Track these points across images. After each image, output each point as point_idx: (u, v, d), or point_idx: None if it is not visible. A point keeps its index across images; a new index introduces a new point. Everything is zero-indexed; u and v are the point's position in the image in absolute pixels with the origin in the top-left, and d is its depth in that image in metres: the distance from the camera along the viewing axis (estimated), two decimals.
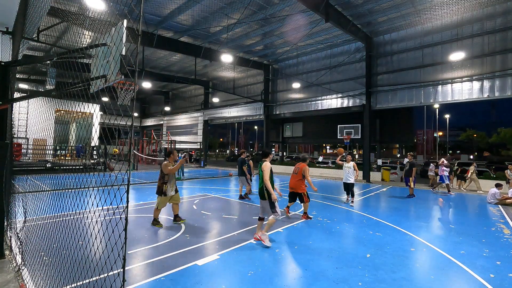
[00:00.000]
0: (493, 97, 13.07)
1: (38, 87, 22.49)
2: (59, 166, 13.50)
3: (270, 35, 16.39)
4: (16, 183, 5.41)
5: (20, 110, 17.84)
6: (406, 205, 9.28)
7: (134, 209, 7.65)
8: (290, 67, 21.24)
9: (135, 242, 4.97)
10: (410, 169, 10.80)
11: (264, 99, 22.03)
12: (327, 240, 5.39)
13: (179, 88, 31.92)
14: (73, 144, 20.11)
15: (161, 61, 21.66)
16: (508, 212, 8.54)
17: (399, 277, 3.83)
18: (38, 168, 14.53)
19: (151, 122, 37.19)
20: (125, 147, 26.17)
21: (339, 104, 18.41)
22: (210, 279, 3.66)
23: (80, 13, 11.80)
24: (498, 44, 12.87)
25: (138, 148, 25.50)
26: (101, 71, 2.26)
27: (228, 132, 74.66)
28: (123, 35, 1.93)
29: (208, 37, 16.70)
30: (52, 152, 18.62)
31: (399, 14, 13.77)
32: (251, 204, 8.88)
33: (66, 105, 3.29)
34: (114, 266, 2.04)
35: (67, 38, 14.31)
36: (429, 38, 14.79)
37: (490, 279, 3.85)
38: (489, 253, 4.89)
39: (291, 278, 3.77)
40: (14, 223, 4.77)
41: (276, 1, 12.51)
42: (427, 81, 14.82)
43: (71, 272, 3.12)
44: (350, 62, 17.71)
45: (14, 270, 3.53)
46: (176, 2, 12.81)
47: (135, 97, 2.10)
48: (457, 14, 13.67)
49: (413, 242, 5.40)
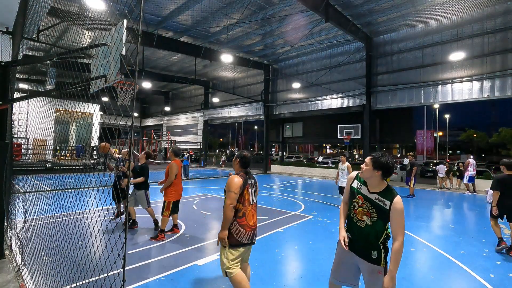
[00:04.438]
0: (493, 97, 13.06)
1: (38, 87, 22.48)
2: (59, 166, 13.51)
3: (270, 35, 16.38)
4: (16, 183, 5.41)
5: (20, 110, 17.83)
6: (406, 205, 9.29)
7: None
8: (290, 67, 21.24)
9: (135, 242, 4.97)
10: (411, 169, 10.83)
11: (264, 99, 22.03)
12: (327, 240, 5.39)
13: (179, 88, 31.91)
14: (73, 144, 20.11)
15: (161, 61, 21.65)
16: None
17: (399, 277, 3.81)
18: (38, 168, 14.53)
19: (151, 122, 37.18)
20: (125, 147, 26.13)
21: (339, 104, 18.41)
22: (210, 279, 3.66)
23: (80, 13, 11.80)
24: (498, 44, 12.86)
25: (138, 148, 25.49)
26: (101, 71, 2.26)
27: (228, 132, 74.71)
28: (123, 35, 1.93)
29: (208, 37, 16.69)
30: (52, 152, 18.62)
31: (399, 14, 13.76)
32: None
33: (66, 105, 3.29)
34: (114, 266, 2.04)
35: (67, 38, 14.30)
36: (429, 38, 14.79)
37: (490, 279, 3.85)
38: (489, 253, 4.89)
39: (291, 278, 3.77)
40: (14, 223, 4.77)
41: (276, 1, 12.51)
42: (427, 81, 14.82)
43: (71, 272, 3.12)
44: (350, 62, 17.71)
45: (14, 270, 3.53)
46: (176, 2, 12.80)
47: (135, 97, 2.09)
48: (457, 14, 13.67)
49: (413, 242, 5.40)
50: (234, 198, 2.76)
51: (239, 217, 2.80)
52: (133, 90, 12.94)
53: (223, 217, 2.77)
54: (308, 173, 19.92)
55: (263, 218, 6.91)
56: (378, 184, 2.19)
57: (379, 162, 2.14)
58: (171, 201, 5.24)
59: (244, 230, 2.78)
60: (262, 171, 22.13)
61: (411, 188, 10.84)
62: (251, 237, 2.86)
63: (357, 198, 2.28)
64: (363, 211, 2.23)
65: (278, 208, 8.23)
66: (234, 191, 2.76)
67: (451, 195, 11.69)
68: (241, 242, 2.78)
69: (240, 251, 2.81)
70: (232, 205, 2.75)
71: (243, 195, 2.84)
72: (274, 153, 46.95)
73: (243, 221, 2.80)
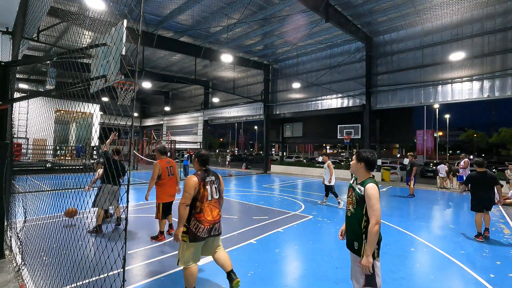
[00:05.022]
0: (493, 97, 13.06)
1: (38, 87, 22.48)
2: (59, 166, 13.51)
3: (270, 35, 16.38)
4: (16, 183, 5.41)
5: (20, 110, 17.82)
6: (406, 205, 9.28)
7: (134, 209, 7.64)
8: (290, 67, 21.24)
9: (135, 242, 4.97)
10: (411, 169, 10.83)
11: (264, 99, 22.02)
12: (327, 240, 5.39)
13: (179, 88, 31.91)
14: (73, 144, 20.11)
15: (161, 61, 21.65)
16: (508, 212, 8.54)
17: (399, 277, 3.82)
18: (38, 168, 14.52)
19: (151, 122, 37.18)
20: (125, 147, 26.15)
21: (339, 104, 18.41)
22: (210, 279, 3.66)
23: (80, 13, 11.79)
24: (498, 44, 12.86)
25: (138, 148, 25.49)
26: (101, 71, 2.26)
27: (228, 132, 74.72)
28: (123, 35, 1.93)
29: (208, 37, 16.69)
30: (52, 152, 18.61)
31: (399, 14, 13.76)
32: (251, 204, 8.88)
33: (66, 105, 3.29)
34: (114, 266, 2.04)
35: (67, 38, 14.30)
36: (429, 38, 14.79)
37: (490, 279, 3.85)
38: (489, 253, 4.89)
39: (291, 278, 3.77)
40: (14, 223, 4.77)
41: (276, 1, 12.51)
42: (427, 81, 14.82)
43: (71, 272, 3.12)
44: (350, 62, 17.71)
45: (14, 270, 3.53)
46: (176, 2, 12.80)
47: (135, 97, 2.09)
48: (457, 14, 13.67)
49: (413, 242, 5.40)
50: (187, 198, 2.97)
51: (197, 213, 3.02)
52: (133, 90, 12.94)
53: (178, 216, 2.98)
54: (308, 173, 19.92)
55: (263, 218, 6.91)
56: (364, 176, 2.47)
57: (361, 155, 2.46)
58: (160, 203, 5.09)
59: (202, 225, 3.00)
60: (262, 171, 22.13)
61: (411, 188, 10.83)
62: (210, 231, 3.06)
63: (349, 191, 2.58)
64: (349, 200, 2.54)
65: (278, 208, 8.23)
66: (188, 191, 2.97)
67: (451, 195, 11.68)
68: (200, 237, 2.99)
69: (200, 244, 3.08)
70: (185, 203, 2.97)
71: (200, 192, 3.04)
72: (274, 153, 46.90)
73: (200, 216, 3.01)
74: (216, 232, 3.15)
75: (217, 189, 3.21)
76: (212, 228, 3.09)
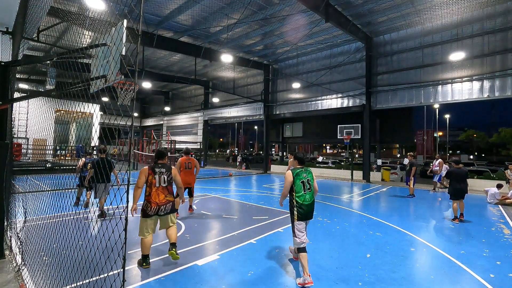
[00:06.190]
0: (493, 97, 13.05)
1: (38, 87, 22.48)
2: (59, 166, 13.51)
3: (270, 35, 16.38)
4: (16, 183, 5.41)
5: (20, 110, 17.84)
6: (406, 205, 9.28)
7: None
8: (290, 67, 21.24)
9: (135, 242, 4.97)
10: (410, 169, 10.83)
11: (264, 99, 22.02)
12: (327, 240, 5.39)
13: (179, 88, 31.90)
14: (73, 144, 20.11)
15: (161, 61, 21.65)
16: (508, 212, 8.55)
17: (399, 277, 3.82)
18: (38, 168, 14.52)
19: (151, 122, 37.18)
20: (125, 147, 26.16)
21: (339, 104, 18.41)
22: (210, 279, 3.66)
23: (80, 13, 11.79)
24: (498, 44, 12.86)
25: (138, 148, 25.48)
26: (101, 71, 2.26)
27: (228, 132, 74.69)
28: (123, 35, 1.93)
29: (208, 37, 16.69)
30: (52, 152, 18.62)
31: (399, 14, 13.76)
32: (251, 204, 8.88)
33: (66, 105, 3.29)
34: (114, 266, 2.04)
35: (67, 38, 14.30)
36: (429, 38, 14.78)
37: (490, 279, 3.85)
38: (489, 253, 4.89)
39: (291, 278, 3.77)
40: (14, 223, 4.77)
41: (276, 1, 12.51)
42: (427, 81, 14.81)
43: (71, 272, 3.12)
44: (350, 62, 17.70)
45: (14, 270, 3.53)
46: (176, 2, 12.80)
47: (135, 97, 2.09)
48: (457, 14, 13.67)
49: (413, 242, 5.41)
50: (140, 182, 3.92)
51: (147, 195, 3.96)
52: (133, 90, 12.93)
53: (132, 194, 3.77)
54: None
55: (263, 218, 6.91)
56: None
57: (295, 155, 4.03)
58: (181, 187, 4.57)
59: (150, 205, 3.91)
60: (262, 171, 22.14)
61: (411, 188, 10.83)
62: (157, 211, 3.95)
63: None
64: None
65: (278, 208, 8.23)
66: (139, 177, 3.95)
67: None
68: (148, 214, 3.92)
69: (151, 220, 3.98)
70: (138, 186, 3.92)
71: (148, 180, 3.95)
72: (274, 153, 46.91)
73: (149, 199, 3.93)
74: (162, 212, 3.99)
75: (165, 179, 4.04)
76: (159, 209, 3.95)
